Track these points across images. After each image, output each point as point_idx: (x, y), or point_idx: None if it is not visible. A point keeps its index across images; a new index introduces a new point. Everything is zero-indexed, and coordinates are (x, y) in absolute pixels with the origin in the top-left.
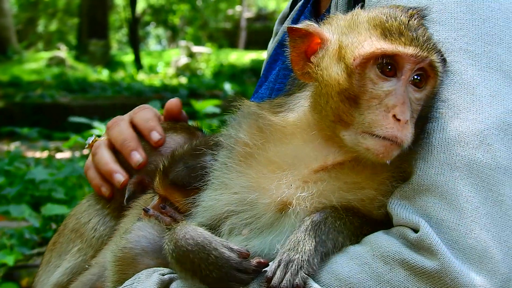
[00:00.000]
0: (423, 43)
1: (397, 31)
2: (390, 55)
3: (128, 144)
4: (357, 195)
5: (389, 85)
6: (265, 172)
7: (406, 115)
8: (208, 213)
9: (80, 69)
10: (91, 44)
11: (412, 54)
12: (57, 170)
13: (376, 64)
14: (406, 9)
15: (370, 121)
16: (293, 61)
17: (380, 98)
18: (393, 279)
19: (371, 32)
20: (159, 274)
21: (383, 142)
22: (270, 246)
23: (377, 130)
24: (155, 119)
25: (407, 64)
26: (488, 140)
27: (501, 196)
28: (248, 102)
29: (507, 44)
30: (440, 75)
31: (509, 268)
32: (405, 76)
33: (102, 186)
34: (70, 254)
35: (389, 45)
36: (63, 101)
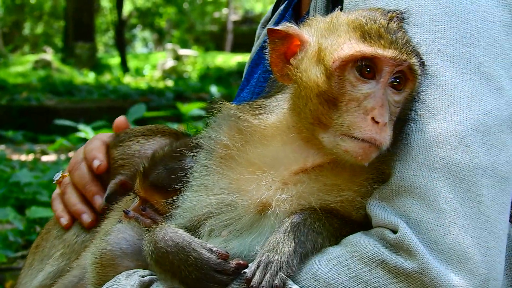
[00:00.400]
0: (402, 46)
1: (376, 34)
2: (369, 58)
3: (90, 188)
4: (336, 196)
5: (368, 87)
6: (245, 174)
7: (384, 118)
8: (188, 215)
9: (66, 72)
10: (77, 47)
11: (391, 57)
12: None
13: (355, 66)
14: (386, 12)
15: (348, 123)
16: (272, 63)
17: (359, 100)
18: (372, 279)
19: (351, 35)
20: (139, 276)
21: (362, 145)
22: (249, 247)
23: (356, 132)
24: (100, 148)
25: (386, 67)
26: (467, 142)
27: (480, 197)
28: (228, 105)
29: (484, 46)
30: (419, 78)
31: (487, 268)
32: (384, 78)
33: (62, 217)
34: (52, 259)
35: (368, 47)
36: (49, 104)
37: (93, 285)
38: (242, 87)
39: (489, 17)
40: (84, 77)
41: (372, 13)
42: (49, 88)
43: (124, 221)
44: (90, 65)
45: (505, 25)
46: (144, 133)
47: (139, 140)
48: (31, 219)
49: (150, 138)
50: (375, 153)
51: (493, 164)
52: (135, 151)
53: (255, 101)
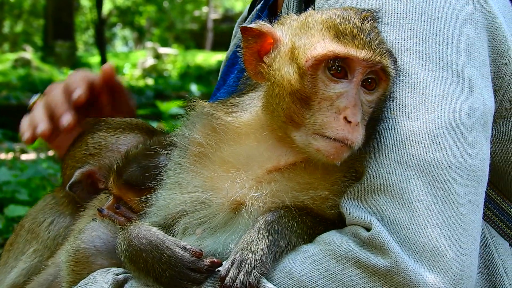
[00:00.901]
0: (375, 47)
1: (350, 34)
2: (342, 58)
3: (58, 110)
4: (310, 195)
5: (340, 87)
6: (219, 172)
7: (357, 117)
8: (162, 213)
9: (46, 70)
10: (57, 45)
11: (364, 58)
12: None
13: (328, 66)
14: (359, 12)
15: (321, 122)
16: (246, 61)
17: (332, 100)
18: (345, 277)
19: (324, 34)
20: (113, 274)
21: (334, 144)
22: (223, 245)
23: (328, 131)
24: (84, 80)
25: (359, 67)
26: (439, 139)
27: (452, 195)
28: (202, 103)
29: (456, 44)
30: (392, 78)
31: (461, 266)
32: (356, 78)
33: (25, 132)
34: (26, 255)
35: (342, 48)
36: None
37: (67, 283)
38: (218, 86)
39: (460, 15)
40: (64, 75)
41: (346, 13)
42: (29, 87)
43: (98, 219)
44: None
45: (477, 22)
46: (122, 127)
47: (115, 133)
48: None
49: (126, 133)
50: (347, 152)
51: (466, 162)
52: (109, 143)
53: (229, 99)
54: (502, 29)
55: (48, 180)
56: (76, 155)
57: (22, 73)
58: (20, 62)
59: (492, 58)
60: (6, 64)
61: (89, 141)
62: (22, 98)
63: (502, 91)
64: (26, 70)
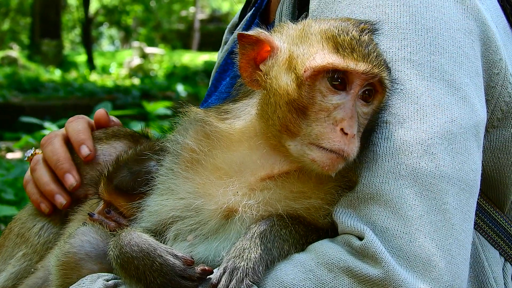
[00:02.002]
0: (374, 60)
1: (349, 46)
2: (341, 70)
3: (61, 166)
4: (303, 204)
5: (338, 98)
6: (212, 179)
7: (353, 130)
8: (154, 218)
9: (33, 69)
10: (43, 44)
11: (362, 72)
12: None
13: (327, 77)
14: (358, 23)
15: (317, 133)
16: (241, 68)
17: (329, 111)
18: (337, 286)
19: (323, 45)
20: (103, 279)
21: (330, 155)
22: (215, 252)
23: (324, 142)
24: (86, 131)
25: (357, 80)
26: (432, 149)
27: (445, 205)
28: (195, 109)
29: (450, 54)
30: (388, 91)
31: (452, 276)
32: (354, 90)
33: (42, 203)
34: (15, 259)
35: (341, 60)
36: (14, 101)
37: (56, 287)
38: (210, 92)
39: (454, 25)
40: (50, 74)
41: (344, 24)
42: (15, 85)
43: (88, 224)
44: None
45: (470, 33)
46: (99, 137)
47: (101, 144)
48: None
49: (103, 143)
50: (342, 164)
51: (458, 172)
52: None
53: (222, 105)
54: (495, 39)
55: None
56: None
57: (8, 71)
58: (6, 60)
59: (485, 68)
60: None
61: None
62: (8, 97)
63: (494, 100)
64: (13, 69)
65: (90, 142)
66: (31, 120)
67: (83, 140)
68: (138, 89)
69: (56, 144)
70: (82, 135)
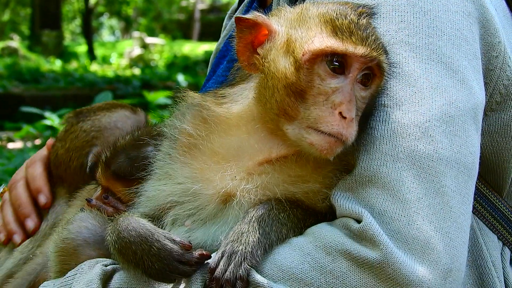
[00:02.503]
0: (372, 44)
1: (347, 30)
2: (339, 54)
3: (23, 211)
4: (301, 188)
5: (336, 82)
6: (209, 163)
7: (352, 113)
8: (152, 203)
9: (33, 59)
10: (44, 34)
11: (361, 55)
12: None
13: (325, 61)
14: (356, 7)
15: (316, 116)
16: (239, 52)
17: (327, 94)
18: (335, 269)
19: (322, 28)
20: (102, 265)
21: (328, 139)
22: (213, 237)
23: (323, 126)
24: (42, 176)
25: (355, 63)
26: (430, 132)
27: (443, 187)
28: (192, 93)
29: (448, 36)
30: (386, 74)
31: (450, 259)
32: (353, 74)
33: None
34: (22, 246)
35: (340, 43)
36: (15, 91)
37: (55, 273)
38: (209, 77)
39: (452, 7)
40: (50, 64)
41: (343, 8)
42: (16, 75)
43: (86, 210)
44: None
45: (469, 15)
46: (105, 107)
47: (104, 113)
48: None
49: (113, 111)
50: (340, 147)
51: (456, 154)
52: (105, 123)
53: (219, 89)
54: (494, 22)
55: None
56: (77, 145)
57: (9, 62)
58: (7, 51)
59: (483, 51)
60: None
61: (85, 128)
62: (8, 87)
63: (493, 84)
64: (13, 59)
65: (46, 188)
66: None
67: (40, 187)
68: (138, 79)
69: (19, 189)
70: (38, 182)
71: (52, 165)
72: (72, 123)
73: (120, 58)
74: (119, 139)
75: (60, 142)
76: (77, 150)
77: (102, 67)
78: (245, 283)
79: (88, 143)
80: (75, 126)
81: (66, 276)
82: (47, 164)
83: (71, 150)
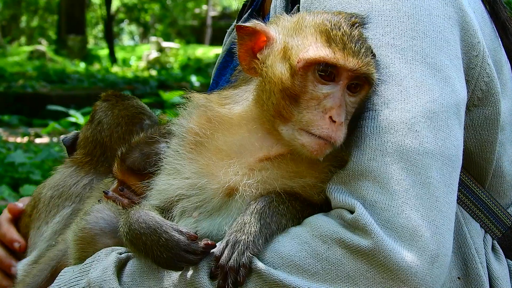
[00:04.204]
0: (362, 57)
1: (340, 41)
2: (331, 64)
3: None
4: (298, 182)
5: (328, 88)
6: (214, 160)
7: (341, 118)
8: (162, 196)
9: (59, 62)
10: (69, 39)
11: (350, 69)
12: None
13: (318, 69)
14: (349, 17)
15: (308, 120)
16: (240, 57)
17: (319, 99)
18: (330, 256)
19: (317, 38)
20: (117, 253)
21: (318, 141)
22: (218, 228)
23: (314, 129)
24: (10, 228)
25: (345, 73)
26: (416, 127)
27: (429, 179)
28: (198, 95)
29: (430, 38)
30: (374, 84)
31: (437, 245)
32: (343, 82)
33: None
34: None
35: (332, 55)
36: (43, 91)
37: (74, 260)
38: (211, 88)
39: (434, 11)
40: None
41: (337, 18)
42: (43, 76)
43: (103, 201)
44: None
45: (450, 18)
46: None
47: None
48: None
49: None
50: (329, 149)
51: (441, 148)
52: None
53: (223, 91)
54: (473, 24)
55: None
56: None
57: (37, 64)
58: (35, 54)
59: (464, 51)
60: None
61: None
62: (37, 87)
63: (474, 81)
64: (41, 62)
65: (16, 236)
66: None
67: (11, 239)
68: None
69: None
70: (8, 235)
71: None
72: (117, 99)
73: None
74: (134, 136)
75: (103, 112)
76: (128, 117)
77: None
78: (248, 270)
79: (138, 115)
80: (121, 102)
81: (85, 263)
82: (12, 220)
83: (120, 117)
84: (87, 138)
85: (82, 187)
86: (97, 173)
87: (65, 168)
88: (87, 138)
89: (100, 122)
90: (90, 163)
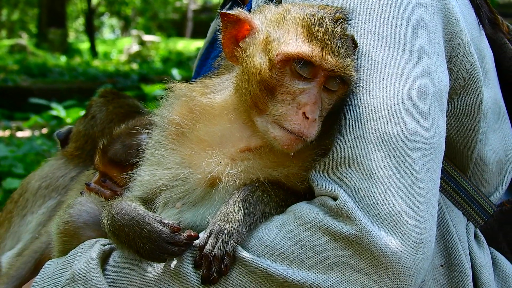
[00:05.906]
0: (342, 57)
1: (321, 39)
2: (309, 61)
3: None
4: (282, 172)
5: (304, 84)
6: (196, 150)
7: (315, 115)
8: (145, 187)
9: (40, 55)
10: (50, 32)
11: (327, 68)
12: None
13: (296, 64)
14: (334, 12)
15: (281, 113)
16: (224, 44)
17: (295, 94)
18: (314, 244)
19: (298, 33)
20: (100, 244)
21: (289, 136)
22: (202, 218)
23: (286, 123)
24: None
25: (323, 72)
26: (398, 114)
27: (412, 166)
28: (180, 84)
29: (412, 26)
30: (352, 84)
31: (420, 231)
32: (320, 80)
33: None
34: (44, 207)
35: (312, 51)
36: (24, 84)
37: (58, 253)
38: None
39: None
40: (56, 60)
41: (321, 13)
42: (24, 70)
43: (86, 193)
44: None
45: (431, 6)
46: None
47: None
48: (7, 189)
49: None
50: (300, 145)
51: (423, 135)
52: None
53: (205, 79)
54: (455, 12)
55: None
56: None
57: (18, 57)
58: (16, 47)
59: (446, 39)
60: (3, 50)
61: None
62: (18, 81)
63: (456, 69)
64: (22, 55)
65: None
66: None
67: None
68: (136, 73)
69: None
70: None
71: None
72: (113, 97)
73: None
74: (115, 128)
75: (98, 108)
76: (122, 114)
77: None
78: (232, 259)
79: (132, 114)
80: (117, 99)
81: (68, 255)
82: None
83: (114, 114)
84: (80, 132)
85: (69, 179)
86: (86, 167)
87: (55, 161)
88: (80, 132)
89: (93, 117)
90: (79, 156)
